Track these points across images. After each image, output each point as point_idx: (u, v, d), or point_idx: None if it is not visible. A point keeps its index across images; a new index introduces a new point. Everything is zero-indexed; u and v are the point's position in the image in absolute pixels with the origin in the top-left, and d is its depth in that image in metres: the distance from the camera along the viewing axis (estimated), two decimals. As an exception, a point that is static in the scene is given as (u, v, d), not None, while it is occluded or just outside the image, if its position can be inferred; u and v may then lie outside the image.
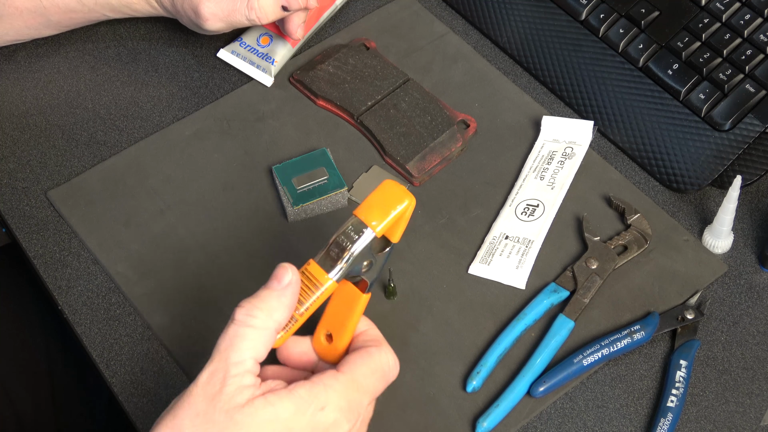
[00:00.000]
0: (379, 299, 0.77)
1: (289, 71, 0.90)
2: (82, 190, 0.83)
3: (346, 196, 0.81)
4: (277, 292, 0.62)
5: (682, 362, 0.72)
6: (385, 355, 0.65)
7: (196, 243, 0.80)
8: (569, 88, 0.88)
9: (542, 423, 0.71)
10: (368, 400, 0.64)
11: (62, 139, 0.87)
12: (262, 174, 0.84)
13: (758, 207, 0.81)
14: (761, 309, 0.76)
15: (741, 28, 0.85)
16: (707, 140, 0.82)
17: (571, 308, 0.75)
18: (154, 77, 0.91)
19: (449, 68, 0.90)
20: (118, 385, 0.74)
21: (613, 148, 0.85)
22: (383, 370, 0.65)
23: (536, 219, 0.80)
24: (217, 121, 0.87)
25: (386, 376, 0.65)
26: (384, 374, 0.65)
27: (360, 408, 0.63)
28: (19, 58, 0.92)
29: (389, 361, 0.65)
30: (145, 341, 0.76)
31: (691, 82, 0.84)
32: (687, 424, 0.71)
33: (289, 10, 0.84)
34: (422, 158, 0.83)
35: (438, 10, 0.94)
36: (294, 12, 0.85)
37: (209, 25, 0.84)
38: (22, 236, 0.81)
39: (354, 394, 0.62)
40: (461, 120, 0.86)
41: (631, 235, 0.79)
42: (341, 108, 0.86)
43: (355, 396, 0.63)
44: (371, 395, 0.64)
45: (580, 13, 0.90)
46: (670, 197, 0.82)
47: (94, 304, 0.78)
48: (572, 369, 0.72)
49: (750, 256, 0.79)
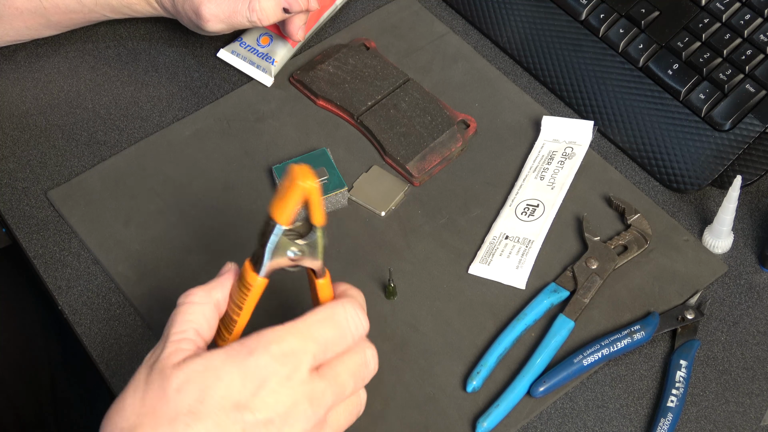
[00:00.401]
0: (379, 299, 0.77)
1: (289, 71, 0.90)
2: (82, 190, 0.83)
3: (346, 196, 0.82)
4: (216, 278, 0.63)
5: (682, 362, 0.72)
6: (342, 306, 0.61)
7: (196, 243, 0.80)
8: (569, 88, 0.88)
9: (542, 423, 0.71)
10: (313, 348, 0.59)
11: (62, 139, 0.87)
12: (262, 174, 0.84)
13: (758, 207, 0.81)
14: (761, 309, 0.76)
15: (741, 28, 0.85)
16: (707, 140, 0.82)
17: (571, 308, 0.75)
18: (154, 77, 0.91)
19: (449, 68, 0.90)
20: (118, 385, 0.74)
21: (613, 148, 0.85)
22: (336, 320, 0.60)
23: (536, 219, 0.80)
24: (217, 121, 0.87)
25: (340, 326, 0.60)
26: (337, 324, 0.60)
27: (302, 355, 0.58)
28: (19, 58, 0.92)
29: (346, 313, 0.61)
30: (145, 341, 0.76)
31: (691, 82, 0.84)
32: (687, 424, 0.71)
33: (290, 12, 0.84)
34: (422, 158, 0.83)
35: (438, 10, 0.94)
36: (295, 14, 0.85)
37: (210, 26, 0.84)
38: (22, 236, 0.81)
39: (293, 339, 0.58)
40: (461, 120, 0.86)
41: (631, 235, 0.79)
42: (341, 108, 0.86)
43: (294, 342, 0.58)
44: (317, 344, 0.59)
45: (580, 13, 0.90)
46: (670, 197, 0.82)
47: (94, 304, 0.78)
48: (572, 369, 0.72)
49: (750, 256, 0.79)
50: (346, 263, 0.79)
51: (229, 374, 0.57)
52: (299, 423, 0.58)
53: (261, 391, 0.57)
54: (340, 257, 0.79)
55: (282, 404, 0.57)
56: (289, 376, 0.58)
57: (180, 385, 0.57)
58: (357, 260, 0.79)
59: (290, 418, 0.58)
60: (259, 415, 0.57)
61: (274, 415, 0.57)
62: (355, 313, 0.61)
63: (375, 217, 0.81)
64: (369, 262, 0.79)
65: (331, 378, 0.60)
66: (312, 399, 0.58)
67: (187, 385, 0.57)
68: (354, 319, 0.61)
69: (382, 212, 0.81)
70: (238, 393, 0.57)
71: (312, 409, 0.58)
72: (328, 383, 0.59)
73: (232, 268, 0.64)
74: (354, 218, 0.81)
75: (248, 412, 0.57)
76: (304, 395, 0.58)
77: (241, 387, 0.57)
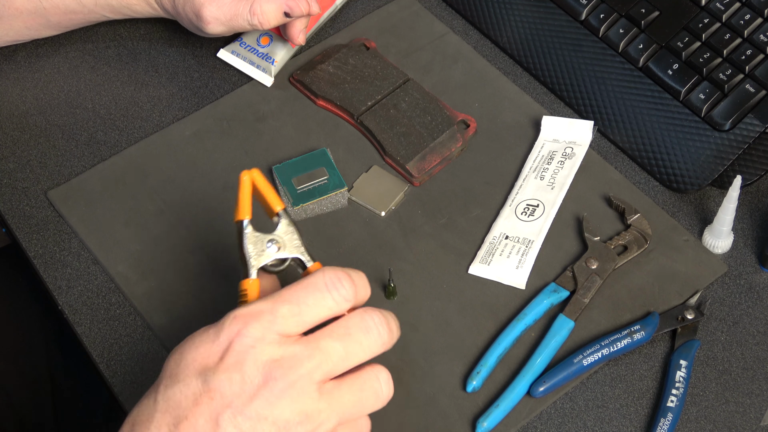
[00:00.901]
0: (379, 299, 0.77)
1: (289, 71, 0.90)
2: (82, 190, 0.83)
3: (346, 196, 0.82)
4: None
5: (682, 362, 0.72)
6: (320, 272, 0.59)
7: (196, 243, 0.80)
8: (569, 88, 0.88)
9: (542, 423, 0.71)
10: (286, 309, 0.57)
11: (62, 139, 0.87)
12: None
13: (758, 207, 0.81)
14: (761, 309, 0.76)
15: (741, 28, 0.85)
16: (707, 140, 0.82)
17: (571, 308, 0.75)
18: (154, 77, 0.91)
19: (449, 68, 0.90)
20: (118, 385, 0.74)
21: (613, 148, 0.85)
22: (313, 282, 0.58)
23: (536, 219, 0.80)
24: (217, 121, 0.87)
25: (316, 286, 0.58)
26: (313, 285, 0.58)
27: (274, 315, 0.57)
28: (19, 58, 0.92)
29: (324, 276, 0.58)
30: (145, 341, 0.76)
31: (691, 82, 0.84)
32: (687, 424, 0.71)
33: (291, 16, 0.84)
34: (422, 158, 0.83)
35: (438, 10, 0.94)
36: (296, 18, 0.85)
37: (210, 28, 0.84)
38: (22, 236, 0.81)
39: (262, 303, 0.57)
40: (461, 120, 0.86)
41: (631, 235, 0.79)
42: (341, 108, 0.86)
43: (264, 305, 0.57)
44: (291, 304, 0.57)
45: (580, 13, 0.90)
46: (670, 197, 0.82)
47: (94, 304, 0.78)
48: (572, 369, 0.72)
49: (750, 256, 0.79)
50: (346, 263, 0.79)
51: (203, 343, 0.58)
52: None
53: (226, 356, 0.57)
54: (340, 257, 0.79)
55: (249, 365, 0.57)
56: (262, 337, 0.57)
57: (170, 355, 0.59)
58: (357, 260, 0.79)
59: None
60: (221, 375, 0.57)
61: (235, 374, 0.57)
62: (334, 275, 0.59)
63: (375, 217, 0.81)
64: (369, 262, 0.79)
65: (330, 395, 0.58)
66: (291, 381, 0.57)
67: (173, 354, 0.59)
68: (332, 280, 0.58)
69: (382, 212, 0.81)
70: (205, 358, 0.57)
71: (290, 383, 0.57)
72: (328, 401, 0.58)
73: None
74: (354, 218, 0.81)
75: (211, 372, 0.57)
76: (279, 357, 0.57)
77: (208, 354, 0.57)
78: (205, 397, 0.56)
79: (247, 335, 0.57)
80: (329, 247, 0.80)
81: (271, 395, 0.56)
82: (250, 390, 0.56)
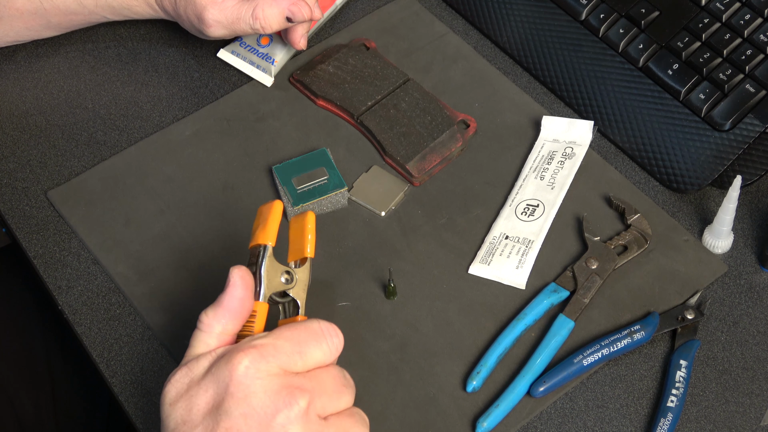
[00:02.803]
0: (379, 299, 0.77)
1: (289, 71, 0.90)
2: (82, 190, 0.83)
3: (346, 196, 0.82)
4: (223, 293, 0.63)
5: (682, 362, 0.72)
6: (315, 320, 0.62)
7: (196, 243, 0.80)
8: (569, 88, 0.88)
9: (542, 423, 0.71)
10: (289, 347, 0.59)
11: (62, 139, 0.87)
12: (262, 174, 0.84)
13: (758, 207, 0.81)
14: (761, 309, 0.76)
15: (741, 28, 0.85)
16: (707, 140, 0.82)
17: (571, 308, 0.75)
18: (154, 77, 0.91)
19: (449, 68, 0.90)
20: (118, 385, 0.74)
21: (613, 148, 0.85)
22: (312, 328, 0.61)
23: (536, 219, 0.80)
24: (217, 121, 0.87)
25: (315, 331, 0.61)
26: (312, 330, 0.61)
27: (277, 350, 0.59)
28: (19, 58, 0.92)
29: (320, 324, 0.61)
30: (145, 341, 0.76)
31: (691, 82, 0.84)
32: (687, 424, 0.71)
33: (293, 21, 0.84)
34: (422, 158, 0.83)
35: (438, 10, 0.94)
36: (298, 23, 0.85)
37: (212, 31, 0.84)
38: (22, 236, 0.81)
39: (266, 339, 0.59)
40: (461, 120, 0.86)
41: (631, 235, 0.79)
42: (341, 108, 0.86)
43: (267, 340, 0.59)
44: (293, 343, 0.60)
45: (580, 13, 0.90)
46: (670, 197, 0.82)
47: (94, 304, 0.78)
48: (572, 369, 0.72)
49: (750, 256, 0.79)
50: (346, 263, 0.79)
51: (208, 382, 0.59)
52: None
53: (235, 390, 0.58)
54: (340, 257, 0.79)
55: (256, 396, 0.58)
56: (266, 370, 0.58)
57: (172, 400, 0.59)
58: (357, 260, 0.79)
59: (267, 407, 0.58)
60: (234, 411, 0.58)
61: (248, 409, 0.58)
62: (328, 325, 0.61)
63: (375, 217, 0.81)
64: (369, 262, 0.79)
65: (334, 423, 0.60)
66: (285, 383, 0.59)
67: (179, 401, 0.59)
68: (329, 329, 0.61)
69: (382, 212, 0.81)
70: (214, 397, 0.58)
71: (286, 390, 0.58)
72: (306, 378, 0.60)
73: (237, 278, 0.63)
74: (354, 218, 0.81)
75: (222, 410, 0.58)
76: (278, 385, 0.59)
77: (216, 392, 0.58)
78: None
79: (252, 368, 0.58)
80: (329, 247, 0.80)
81: (285, 424, 0.58)
82: (264, 420, 0.58)
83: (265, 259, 0.64)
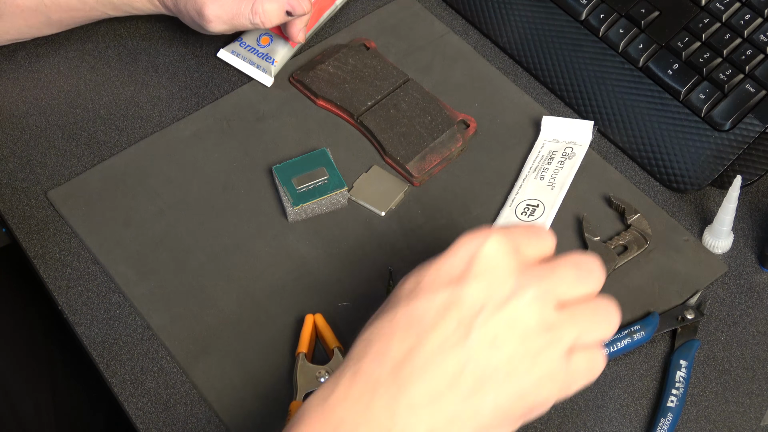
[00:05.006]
0: (379, 299, 0.77)
1: (289, 71, 0.90)
2: (82, 190, 0.83)
3: (346, 196, 0.82)
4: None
5: (682, 362, 0.72)
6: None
7: (196, 243, 0.80)
8: (569, 88, 0.88)
9: (542, 423, 0.71)
10: (521, 232, 0.59)
11: (62, 139, 0.87)
12: (262, 174, 0.84)
13: (758, 207, 0.81)
14: (761, 309, 0.76)
15: (741, 28, 0.85)
16: (707, 140, 0.82)
17: (571, 308, 0.75)
18: (154, 77, 0.91)
19: (449, 68, 0.90)
20: (118, 385, 0.74)
21: (613, 148, 0.85)
22: (534, 226, 0.61)
23: (536, 219, 0.80)
24: (217, 121, 0.87)
25: (536, 230, 0.61)
26: (534, 227, 0.61)
27: (511, 234, 0.58)
28: (19, 58, 0.92)
29: (533, 227, 0.61)
30: (145, 341, 0.76)
31: (691, 82, 0.84)
32: (687, 424, 0.71)
33: (293, 15, 0.84)
34: (422, 158, 0.83)
35: (438, 10, 0.94)
36: (297, 17, 0.85)
37: (212, 27, 0.84)
38: (22, 236, 0.81)
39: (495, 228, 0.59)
40: (461, 120, 0.86)
41: (631, 235, 0.79)
42: (341, 108, 0.86)
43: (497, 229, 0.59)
44: (523, 232, 0.59)
45: (580, 13, 0.90)
46: (670, 197, 0.82)
47: (94, 304, 0.78)
48: (572, 369, 0.72)
49: (750, 256, 0.79)
50: (346, 263, 0.79)
51: (441, 263, 0.59)
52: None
53: (473, 266, 0.58)
54: (340, 257, 0.79)
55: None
56: (503, 251, 0.58)
57: (400, 284, 0.60)
58: (357, 260, 0.79)
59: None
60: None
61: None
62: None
63: (375, 217, 0.81)
64: (369, 262, 0.79)
65: (568, 311, 0.58)
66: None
67: (405, 281, 0.60)
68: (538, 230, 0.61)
69: (382, 212, 0.81)
70: (448, 273, 0.58)
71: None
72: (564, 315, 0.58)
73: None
74: (354, 218, 0.81)
75: (459, 283, 0.57)
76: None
77: (451, 269, 0.58)
78: (455, 305, 0.56)
79: (490, 248, 0.58)
80: (329, 247, 0.80)
81: (519, 303, 0.56)
82: (501, 297, 0.56)
83: (297, 366, 0.72)
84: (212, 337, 0.75)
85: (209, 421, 0.72)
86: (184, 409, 0.73)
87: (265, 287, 0.77)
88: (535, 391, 0.57)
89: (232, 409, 0.72)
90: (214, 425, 0.72)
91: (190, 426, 0.72)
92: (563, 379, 0.58)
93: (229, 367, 0.74)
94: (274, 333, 0.75)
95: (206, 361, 0.74)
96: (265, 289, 0.77)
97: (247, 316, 0.76)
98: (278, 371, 0.73)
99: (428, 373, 0.56)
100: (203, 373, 0.74)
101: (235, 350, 0.74)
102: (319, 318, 0.74)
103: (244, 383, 0.73)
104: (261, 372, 0.73)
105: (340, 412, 0.55)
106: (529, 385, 0.56)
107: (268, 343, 0.75)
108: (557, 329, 0.57)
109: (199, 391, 0.73)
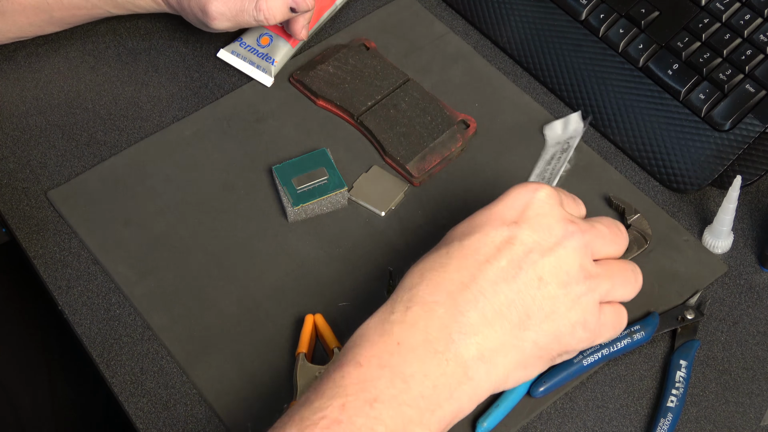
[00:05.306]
0: (379, 299, 0.77)
1: (289, 71, 0.90)
2: (82, 190, 0.83)
3: (346, 196, 0.82)
4: None
5: (682, 362, 0.72)
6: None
7: (196, 243, 0.80)
8: (569, 88, 0.88)
9: (542, 423, 0.71)
10: (564, 194, 0.69)
11: (62, 139, 0.87)
12: (262, 174, 0.84)
13: (758, 207, 0.81)
14: (761, 309, 0.76)
15: (741, 28, 0.85)
16: (707, 140, 0.82)
17: (571, 308, 0.75)
18: (154, 77, 0.91)
19: (449, 68, 0.90)
20: (118, 385, 0.74)
21: (613, 148, 0.85)
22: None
23: (536, 219, 0.80)
24: (217, 121, 0.87)
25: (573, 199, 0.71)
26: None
27: (556, 192, 0.67)
28: (19, 58, 0.92)
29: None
30: (145, 341, 0.76)
31: (691, 82, 0.84)
32: (687, 424, 0.71)
33: (297, 11, 0.84)
34: (422, 158, 0.83)
35: (438, 10, 0.94)
36: (301, 13, 0.85)
37: (216, 24, 0.84)
38: (22, 236, 0.81)
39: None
40: (461, 120, 0.86)
41: (631, 235, 0.78)
42: (341, 108, 0.86)
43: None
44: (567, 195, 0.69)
45: (580, 13, 0.90)
46: (670, 197, 0.82)
47: (94, 304, 0.78)
48: (572, 369, 0.72)
49: (750, 256, 0.79)
50: (346, 263, 0.79)
51: (494, 209, 0.67)
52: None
53: (527, 212, 0.65)
54: (340, 257, 0.79)
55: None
56: (552, 202, 0.66)
57: (450, 232, 0.68)
58: (357, 260, 0.79)
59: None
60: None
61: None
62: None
63: (375, 217, 0.81)
64: (369, 262, 0.79)
65: (603, 265, 0.67)
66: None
67: (457, 227, 0.68)
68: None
69: (382, 212, 0.81)
70: (502, 215, 0.66)
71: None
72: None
73: None
74: (354, 218, 0.81)
75: (511, 226, 0.65)
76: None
77: (504, 213, 0.66)
78: (508, 245, 0.64)
79: (541, 197, 0.65)
80: (329, 247, 0.80)
81: (565, 251, 0.64)
82: (549, 242, 0.64)
83: (297, 366, 0.71)
84: (212, 337, 0.75)
85: (209, 421, 0.72)
86: (184, 409, 0.73)
87: (265, 287, 0.77)
88: (569, 334, 0.64)
89: (232, 409, 0.72)
90: (214, 425, 0.72)
91: (190, 426, 0.72)
92: (593, 329, 0.65)
93: (229, 367, 0.74)
94: (273, 333, 0.75)
95: (206, 361, 0.74)
96: (265, 289, 0.77)
97: (247, 316, 0.76)
98: (278, 371, 0.73)
99: (481, 303, 0.62)
100: (203, 373, 0.74)
101: (235, 350, 0.74)
102: (319, 318, 0.74)
103: (244, 383, 0.73)
104: (261, 372, 0.73)
105: (399, 335, 0.61)
106: (566, 328, 0.64)
107: (268, 344, 0.75)
108: (594, 279, 0.64)
109: (199, 391, 0.73)
